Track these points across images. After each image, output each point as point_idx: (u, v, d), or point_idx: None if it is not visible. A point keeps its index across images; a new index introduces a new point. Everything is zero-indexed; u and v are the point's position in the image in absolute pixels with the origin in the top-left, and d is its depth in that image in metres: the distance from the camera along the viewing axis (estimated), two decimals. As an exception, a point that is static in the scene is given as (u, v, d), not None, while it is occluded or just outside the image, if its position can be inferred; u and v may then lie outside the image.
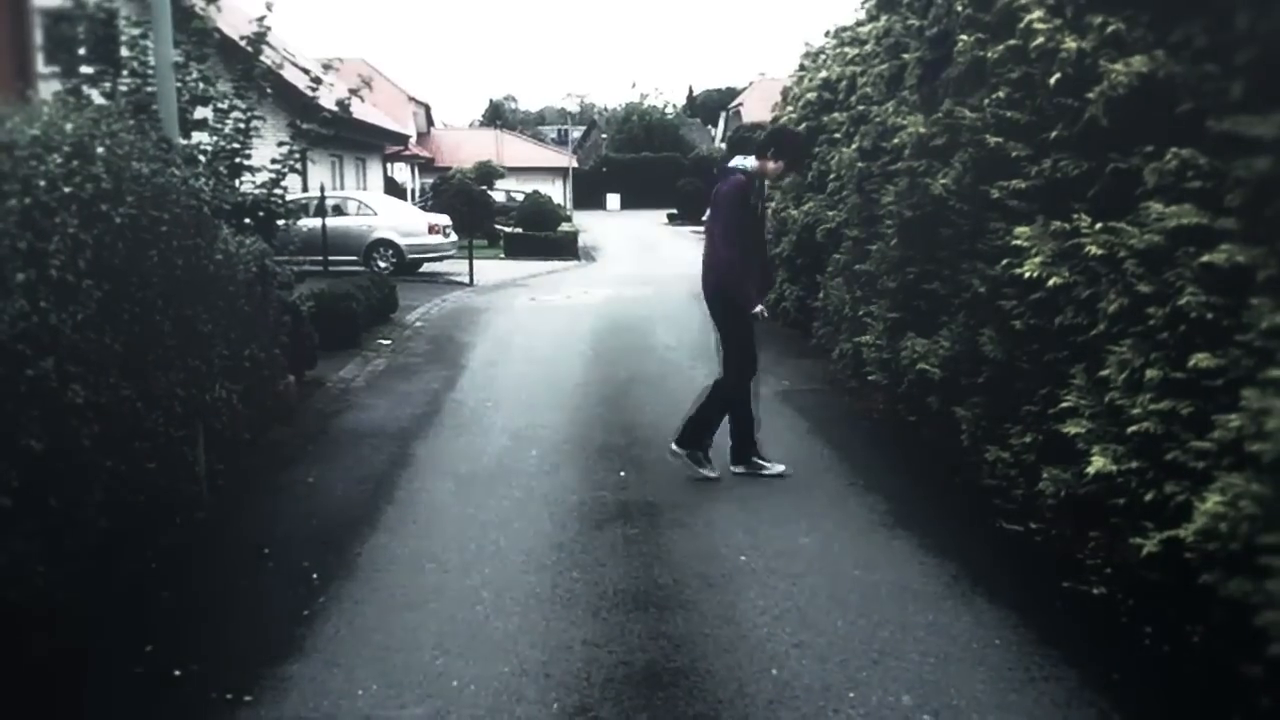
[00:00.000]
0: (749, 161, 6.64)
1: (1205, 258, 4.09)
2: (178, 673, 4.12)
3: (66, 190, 4.29)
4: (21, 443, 3.83)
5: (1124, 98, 4.81)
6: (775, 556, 5.37)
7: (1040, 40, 5.47)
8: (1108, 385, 4.71)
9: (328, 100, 9.86)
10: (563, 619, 4.65)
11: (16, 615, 3.98)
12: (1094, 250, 4.84)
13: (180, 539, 5.60)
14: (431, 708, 3.87)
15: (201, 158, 7.88)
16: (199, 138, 8.26)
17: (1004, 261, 5.73)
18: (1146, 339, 4.48)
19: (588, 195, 58.58)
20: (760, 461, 6.78)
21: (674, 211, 47.41)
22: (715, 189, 6.73)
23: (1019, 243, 5.48)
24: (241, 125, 8.55)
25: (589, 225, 42.10)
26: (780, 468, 6.77)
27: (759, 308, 6.57)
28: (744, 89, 61.37)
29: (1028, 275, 5.33)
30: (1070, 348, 5.20)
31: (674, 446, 6.77)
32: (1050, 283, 5.18)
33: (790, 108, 14.12)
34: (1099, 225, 4.88)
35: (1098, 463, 4.65)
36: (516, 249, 30.54)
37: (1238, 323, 3.93)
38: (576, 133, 76.24)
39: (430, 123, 55.80)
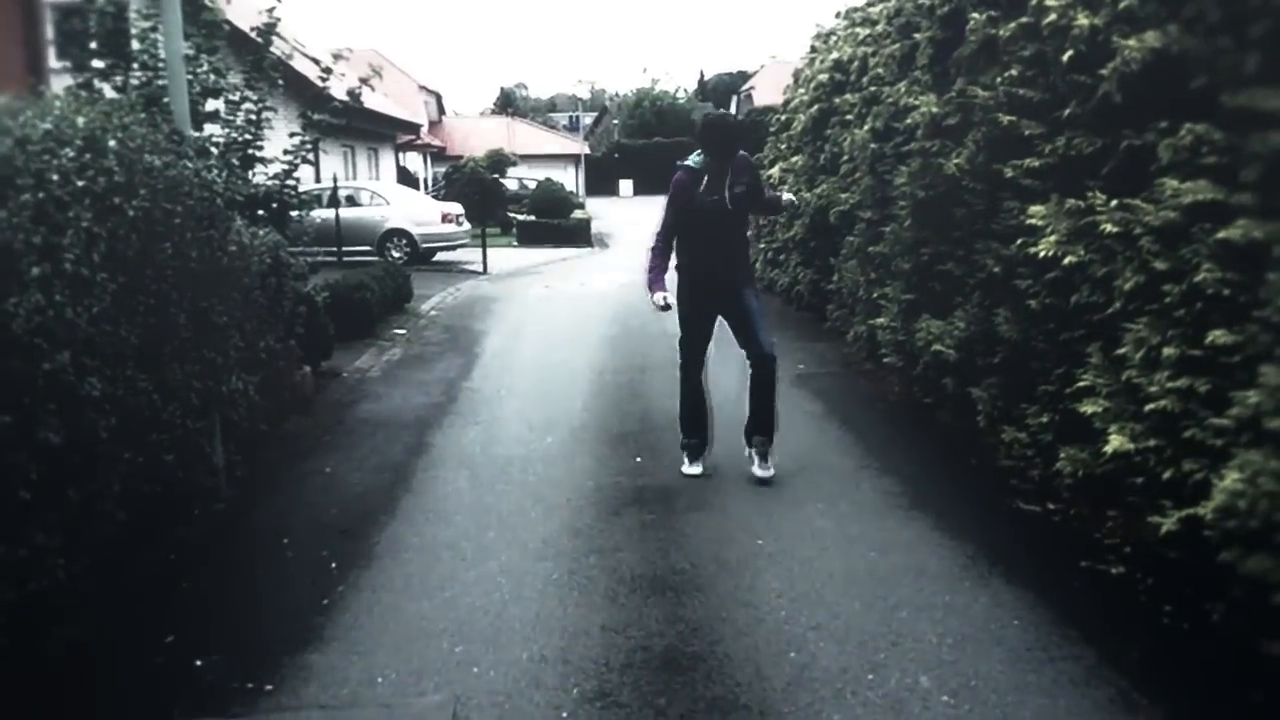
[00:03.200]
0: (696, 156, 6.41)
1: (1221, 234, 4.06)
2: (198, 663, 4.15)
3: (79, 184, 4.30)
4: (39, 436, 3.86)
5: (1137, 74, 4.77)
6: (791, 539, 5.37)
7: (1052, 17, 5.43)
8: (1125, 363, 4.69)
9: (339, 90, 9.87)
10: (581, 605, 4.66)
11: (37, 607, 4.01)
12: (1109, 228, 4.81)
13: (199, 530, 5.63)
14: (451, 694, 3.88)
15: (214, 150, 7.88)
16: (211, 130, 8.27)
17: (1019, 241, 5.70)
18: (1163, 316, 4.45)
19: (600, 182, 58.49)
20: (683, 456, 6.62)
21: (687, 196, 47.30)
22: None
23: (1034, 221, 5.45)
24: (253, 117, 8.55)
25: (602, 212, 42.08)
26: (694, 469, 6.51)
27: (659, 295, 6.31)
28: (755, 72, 61.06)
29: (1043, 254, 5.30)
30: (1086, 326, 5.18)
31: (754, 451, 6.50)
32: (1065, 261, 5.15)
33: (801, 90, 14.07)
34: (1114, 202, 4.86)
35: (1115, 441, 4.63)
36: (529, 237, 30.57)
37: (1255, 299, 3.90)
38: (588, 119, 76.09)
39: (441, 111, 55.79)
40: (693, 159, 6.42)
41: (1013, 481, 5.99)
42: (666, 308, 6.37)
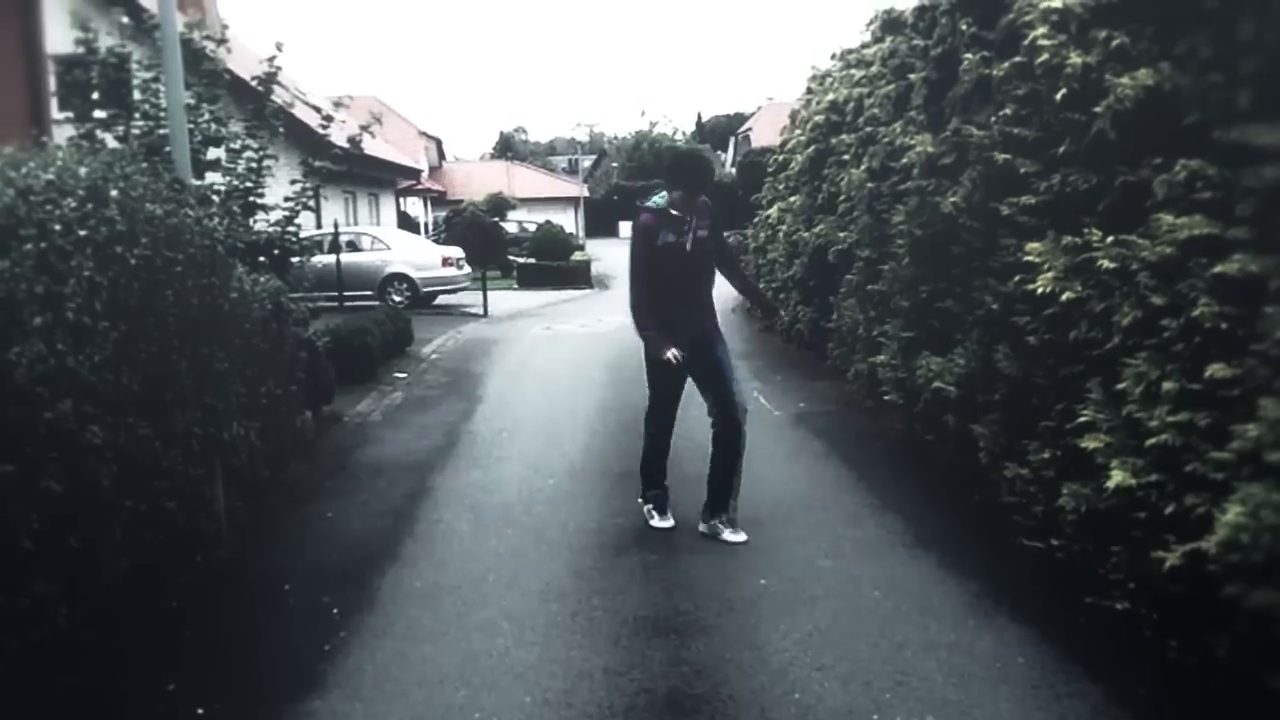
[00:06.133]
0: (659, 197, 6.09)
1: (1218, 268, 4.08)
2: (200, 711, 4.12)
3: (81, 233, 4.33)
4: (41, 484, 3.86)
5: (1131, 111, 4.81)
6: (795, 579, 5.35)
7: (1045, 56, 5.47)
8: (1124, 399, 4.69)
9: (339, 137, 9.95)
10: (584, 647, 4.63)
11: (38, 656, 3.99)
12: (1106, 264, 4.82)
13: (200, 577, 5.61)
14: (454, 740, 3.86)
15: (215, 197, 7.94)
16: (212, 178, 8.33)
17: (1016, 278, 5.71)
18: (1162, 351, 4.46)
19: (600, 223, 58.60)
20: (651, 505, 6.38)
21: (686, 237, 47.36)
22: None
23: (1031, 258, 5.47)
24: (254, 164, 8.63)
25: (602, 254, 42.08)
26: (665, 523, 6.24)
27: (670, 352, 5.91)
28: (752, 114, 61.60)
29: (1041, 290, 5.31)
30: (1086, 362, 5.18)
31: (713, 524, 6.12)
32: (1063, 297, 5.16)
33: (799, 130, 14.18)
34: (1110, 238, 4.87)
35: (1117, 476, 4.62)
36: (529, 279, 30.62)
37: (1252, 332, 3.91)
38: (587, 162, 76.44)
39: (442, 156, 56.18)
40: (655, 199, 6.09)
41: (1015, 518, 5.97)
42: (680, 360, 5.92)
